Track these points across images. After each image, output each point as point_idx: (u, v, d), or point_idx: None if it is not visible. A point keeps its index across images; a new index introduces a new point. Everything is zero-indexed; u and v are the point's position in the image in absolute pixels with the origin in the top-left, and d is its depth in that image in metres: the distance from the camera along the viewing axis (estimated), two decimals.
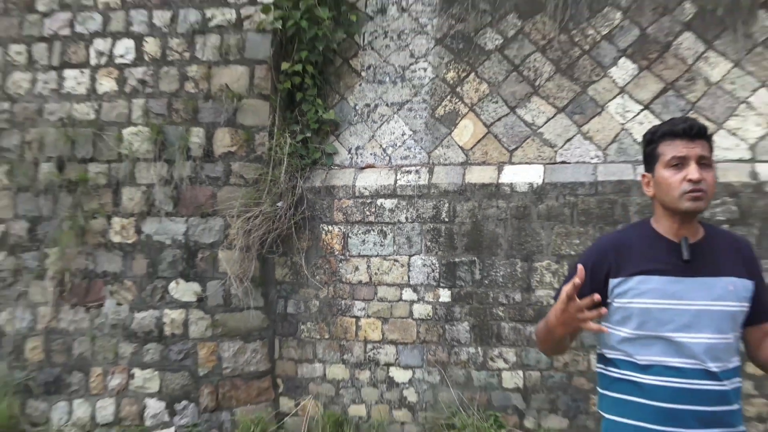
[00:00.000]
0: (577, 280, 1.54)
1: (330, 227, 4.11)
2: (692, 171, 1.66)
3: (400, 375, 4.03)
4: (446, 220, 3.96)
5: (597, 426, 3.85)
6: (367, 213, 4.06)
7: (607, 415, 1.81)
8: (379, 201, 4.04)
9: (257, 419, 4.00)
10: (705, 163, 1.70)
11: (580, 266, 1.59)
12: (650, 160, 1.78)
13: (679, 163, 1.69)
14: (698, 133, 1.70)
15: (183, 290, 4.07)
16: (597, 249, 1.83)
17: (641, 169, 3.66)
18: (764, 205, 3.63)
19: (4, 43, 4.33)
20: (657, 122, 3.74)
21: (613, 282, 1.75)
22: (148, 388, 4.06)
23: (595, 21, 4.12)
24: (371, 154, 4.23)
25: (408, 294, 4.01)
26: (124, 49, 4.22)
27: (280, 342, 4.16)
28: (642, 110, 3.96)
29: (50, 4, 4.28)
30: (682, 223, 1.74)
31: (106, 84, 4.21)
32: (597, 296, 1.56)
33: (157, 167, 4.12)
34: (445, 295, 3.97)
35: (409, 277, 4.01)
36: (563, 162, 3.97)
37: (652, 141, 1.77)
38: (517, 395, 3.91)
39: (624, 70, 4.03)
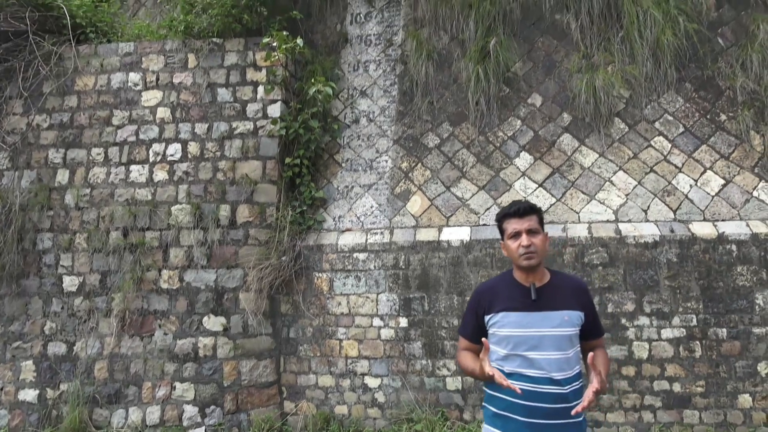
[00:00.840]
0: (509, 384, 2.14)
1: (320, 274, 5.61)
2: (523, 240, 2.30)
3: (372, 382, 5.40)
4: (403, 267, 5.47)
5: None
6: (347, 263, 5.58)
7: (485, 404, 2.46)
8: (355, 254, 5.57)
9: (267, 418, 5.35)
10: (534, 231, 2.32)
11: (485, 341, 2.23)
12: (501, 233, 2.45)
13: (516, 234, 2.33)
14: (525, 212, 2.34)
15: (213, 322, 5.52)
16: (476, 295, 2.45)
17: None
18: (626, 253, 5.16)
19: (88, 147, 6.00)
20: (548, 195, 5.43)
21: (487, 317, 2.36)
22: (186, 397, 5.42)
23: (503, 126, 5.86)
24: (349, 221, 5.81)
25: (377, 321, 5.45)
26: (174, 150, 5.88)
27: (284, 359, 5.56)
28: (537, 187, 5.60)
29: (122, 120, 5.98)
30: (528, 273, 2.36)
31: (160, 175, 5.84)
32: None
33: (195, 233, 5.65)
34: (403, 322, 5.41)
35: (377, 309, 5.46)
36: (485, 224, 5.53)
37: (499, 220, 2.45)
38: (458, 395, 5.25)
39: (524, 160, 5.71)
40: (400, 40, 6.42)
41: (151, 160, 5.88)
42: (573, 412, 2.17)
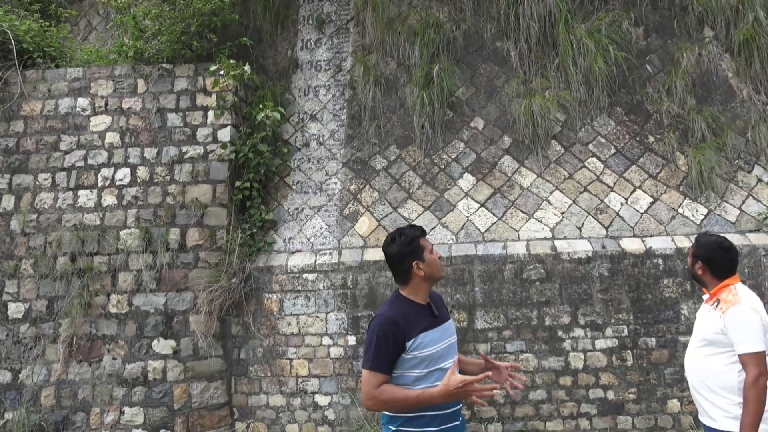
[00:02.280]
0: (487, 374, 2.30)
1: (270, 295, 5.71)
2: (438, 252, 2.59)
3: (322, 400, 5.50)
4: (351, 286, 5.62)
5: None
6: (296, 284, 5.69)
7: (402, 428, 2.43)
8: (305, 275, 5.70)
9: None
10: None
11: (456, 359, 2.44)
12: (417, 251, 2.49)
13: (432, 248, 2.56)
14: (426, 232, 2.64)
15: (162, 346, 5.54)
16: (391, 326, 2.39)
17: (482, 246, 5.46)
18: (561, 268, 5.43)
19: (34, 173, 5.98)
20: (490, 215, 5.66)
21: (409, 342, 2.39)
22: (135, 422, 5.41)
23: (447, 149, 6.11)
24: (299, 242, 5.94)
25: (326, 340, 5.58)
26: (123, 174, 5.91)
27: (235, 380, 5.61)
28: (480, 207, 5.85)
29: (70, 145, 5.99)
30: (427, 290, 2.54)
31: (109, 199, 5.86)
32: (488, 374, 2.34)
33: (145, 257, 5.68)
34: (352, 340, 5.54)
35: (326, 328, 5.58)
36: None
37: (414, 240, 2.52)
38: None
39: (467, 181, 5.97)
40: (349, 65, 6.63)
41: (99, 184, 5.90)
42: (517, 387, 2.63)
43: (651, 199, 5.73)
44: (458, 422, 2.50)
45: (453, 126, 6.21)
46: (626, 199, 5.74)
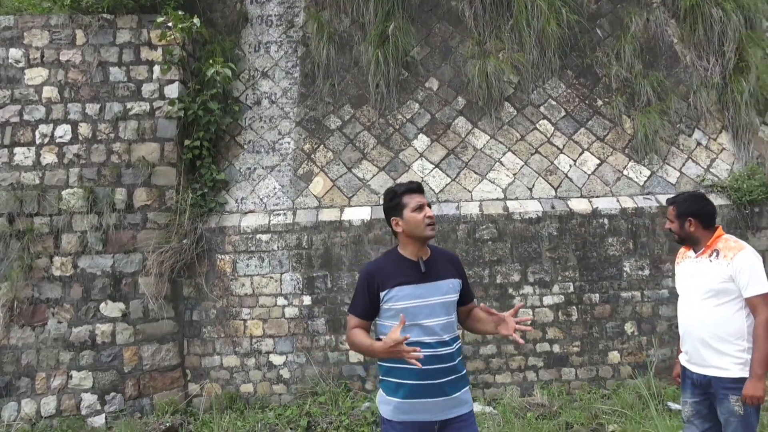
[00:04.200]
0: (406, 336, 2.27)
1: (223, 256, 5.62)
2: (428, 211, 2.49)
3: (277, 359, 5.52)
4: (306, 247, 5.60)
5: None
6: (250, 245, 5.62)
7: (384, 378, 2.52)
8: (258, 236, 5.62)
9: (171, 401, 5.33)
10: (429, 206, 2.55)
11: (402, 316, 2.35)
12: (397, 208, 2.51)
13: (420, 207, 2.48)
14: (421, 189, 2.58)
15: (111, 308, 5.39)
16: (367, 274, 2.52)
17: (437, 207, 5.51)
18: (513, 228, 5.55)
19: None
20: (444, 175, 5.71)
21: (382, 293, 2.47)
22: (84, 386, 5.28)
23: (402, 109, 6.08)
24: (252, 202, 5.83)
25: (281, 301, 5.56)
26: (63, 131, 5.61)
27: (187, 342, 5.54)
28: (434, 168, 5.89)
29: (3, 99, 5.61)
30: (420, 247, 2.52)
31: (49, 157, 5.56)
32: (408, 336, 2.29)
33: (90, 218, 5.47)
34: (307, 300, 5.55)
35: (281, 289, 5.56)
36: None
37: (395, 196, 2.53)
38: (360, 367, 5.49)
39: (422, 141, 5.98)
40: (301, 21, 6.44)
41: (38, 142, 5.59)
42: (522, 330, 2.53)
43: (598, 161, 5.91)
44: (443, 380, 2.46)
45: (408, 86, 6.17)
46: (575, 161, 5.90)
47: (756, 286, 2.79)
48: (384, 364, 2.51)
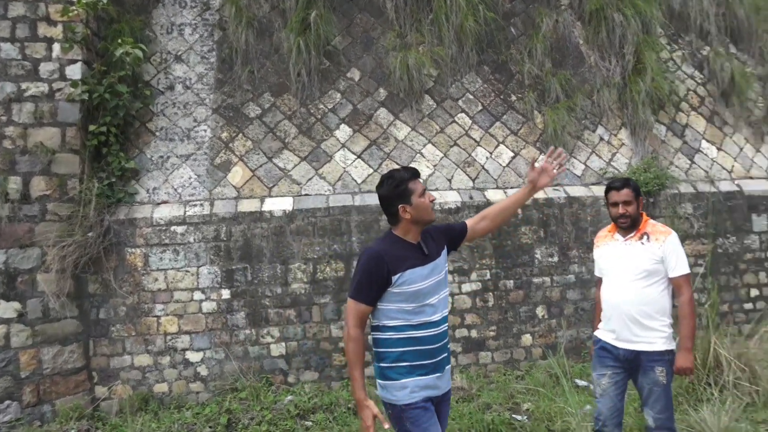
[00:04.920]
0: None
1: (134, 250, 5.29)
2: (431, 195, 2.59)
3: (194, 356, 5.29)
4: (225, 239, 5.40)
5: (338, 374, 5.48)
6: (163, 237, 5.33)
7: (393, 364, 2.50)
8: (173, 228, 5.34)
9: (75, 407, 4.95)
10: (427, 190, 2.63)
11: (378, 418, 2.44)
12: (405, 194, 2.51)
13: (424, 192, 2.56)
14: (419, 173, 2.65)
15: (4, 309, 4.90)
16: (377, 258, 2.48)
17: (359, 197, 5.49)
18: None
19: None
20: (366, 166, 5.70)
21: (395, 277, 2.45)
22: None
23: (324, 99, 6.02)
24: (165, 193, 5.53)
25: (198, 295, 5.32)
26: None
27: (94, 342, 5.16)
28: (356, 158, 5.88)
29: None
30: (420, 230, 2.59)
31: None
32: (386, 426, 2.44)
33: None
34: (226, 293, 5.35)
35: (198, 283, 5.32)
36: (306, 194, 5.67)
37: (401, 183, 2.53)
38: (282, 360, 5.40)
39: (344, 132, 5.95)
40: (218, 4, 6.19)
41: None
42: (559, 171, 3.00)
43: (512, 154, 6.17)
44: (443, 356, 2.60)
45: (330, 75, 6.11)
46: (491, 154, 6.13)
47: (681, 267, 3.08)
48: (393, 350, 2.52)
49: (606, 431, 3.22)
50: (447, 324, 2.62)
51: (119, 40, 5.41)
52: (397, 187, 2.52)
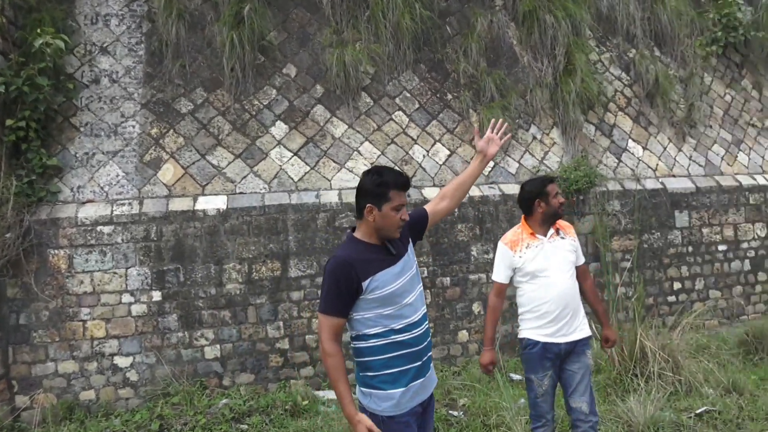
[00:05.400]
0: None
1: (56, 251, 5.02)
2: (404, 215, 2.36)
3: (123, 361, 5.09)
4: (155, 239, 5.22)
5: (275, 375, 5.42)
6: (89, 238, 5.09)
7: (379, 373, 2.35)
8: (99, 228, 5.11)
9: None
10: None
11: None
12: (380, 198, 2.31)
13: (400, 207, 2.34)
14: (408, 186, 2.43)
15: None
16: (345, 267, 2.30)
17: (296, 195, 5.43)
18: None
19: None
20: (303, 164, 5.64)
21: (365, 283, 2.29)
22: None
23: (258, 95, 5.91)
24: (91, 191, 5.28)
25: (126, 298, 5.13)
26: None
27: (13, 349, 4.88)
28: (293, 156, 5.81)
29: None
30: (381, 238, 2.40)
31: None
32: None
33: None
34: (157, 295, 5.17)
35: (127, 285, 5.12)
36: (241, 193, 5.55)
37: (383, 185, 2.32)
38: (217, 363, 5.27)
39: (280, 129, 5.86)
40: None
41: None
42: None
43: (449, 152, 6.27)
44: (426, 357, 2.47)
45: (265, 71, 6.00)
46: (428, 152, 6.19)
47: (582, 256, 3.42)
48: (379, 357, 2.35)
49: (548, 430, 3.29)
50: (428, 320, 2.51)
51: (38, 30, 5.12)
52: (377, 186, 2.33)
